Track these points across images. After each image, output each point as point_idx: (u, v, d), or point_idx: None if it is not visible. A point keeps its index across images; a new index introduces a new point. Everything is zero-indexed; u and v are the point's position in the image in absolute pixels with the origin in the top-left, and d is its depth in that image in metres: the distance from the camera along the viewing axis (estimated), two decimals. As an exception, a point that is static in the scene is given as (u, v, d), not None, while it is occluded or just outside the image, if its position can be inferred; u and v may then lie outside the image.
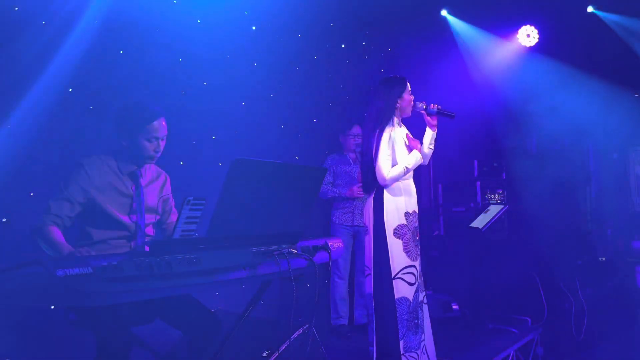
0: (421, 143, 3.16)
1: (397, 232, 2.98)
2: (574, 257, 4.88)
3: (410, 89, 3.13)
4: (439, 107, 3.09)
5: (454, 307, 4.38)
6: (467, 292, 4.54)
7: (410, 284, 2.96)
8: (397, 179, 3.01)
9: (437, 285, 4.66)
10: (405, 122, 3.24)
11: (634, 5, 5.27)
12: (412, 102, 3.11)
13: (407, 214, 3.03)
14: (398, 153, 3.04)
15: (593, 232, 6.15)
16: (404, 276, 2.96)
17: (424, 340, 3.04)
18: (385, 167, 2.98)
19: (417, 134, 3.22)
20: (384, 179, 2.98)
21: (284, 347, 2.51)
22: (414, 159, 3.04)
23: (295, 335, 2.64)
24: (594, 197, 6.62)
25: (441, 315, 4.30)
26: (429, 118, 3.13)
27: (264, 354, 2.55)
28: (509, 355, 3.73)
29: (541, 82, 5.91)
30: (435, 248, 4.96)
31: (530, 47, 5.87)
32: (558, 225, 5.17)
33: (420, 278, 3.05)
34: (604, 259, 4.98)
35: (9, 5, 2.85)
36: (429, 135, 3.16)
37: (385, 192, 3.03)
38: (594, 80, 6.13)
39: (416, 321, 2.98)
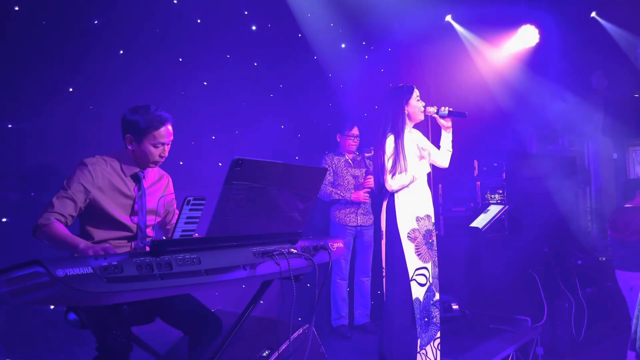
0: (439, 147, 3.30)
1: (410, 236, 3.07)
2: (574, 257, 4.88)
3: (419, 95, 3.21)
4: (450, 109, 3.17)
5: (454, 307, 4.38)
6: (467, 292, 4.54)
7: (421, 285, 3.06)
8: (404, 185, 3.07)
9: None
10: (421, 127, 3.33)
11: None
12: (423, 108, 3.19)
13: (418, 218, 3.10)
14: (408, 160, 3.09)
15: (593, 232, 6.15)
16: (416, 277, 3.06)
17: (439, 337, 3.13)
18: (391, 174, 3.07)
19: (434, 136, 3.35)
20: (390, 186, 3.08)
21: (284, 347, 2.51)
22: (422, 169, 3.13)
23: (295, 335, 2.63)
24: (594, 197, 6.62)
25: (441, 315, 4.29)
26: (442, 121, 3.22)
27: (264, 354, 2.55)
28: (509, 355, 3.74)
29: (541, 82, 5.91)
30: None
31: (531, 47, 5.87)
32: (558, 225, 5.16)
33: (434, 279, 3.13)
34: (604, 259, 4.99)
35: (9, 5, 2.85)
36: (444, 137, 3.27)
37: (396, 196, 3.11)
38: (594, 80, 6.13)
39: (426, 319, 3.07)
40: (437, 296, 3.15)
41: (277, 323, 2.72)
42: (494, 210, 4.16)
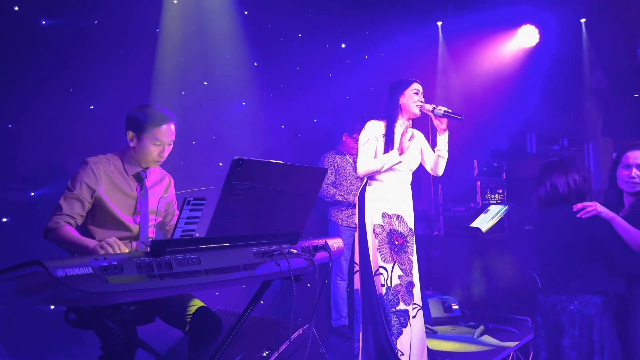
0: (434, 152, 3.17)
1: (375, 231, 3.00)
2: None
3: (417, 89, 3.10)
4: (447, 109, 3.03)
5: (454, 307, 4.38)
6: (467, 292, 4.53)
7: (382, 285, 2.95)
8: (370, 171, 3.02)
9: (437, 285, 4.66)
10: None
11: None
12: (420, 102, 3.08)
13: (384, 215, 3.02)
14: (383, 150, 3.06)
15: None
16: (379, 274, 2.97)
17: (401, 353, 2.97)
18: (360, 158, 3.04)
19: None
20: (358, 169, 3.06)
21: (284, 347, 2.51)
22: (390, 159, 2.99)
23: (295, 335, 2.64)
24: (594, 197, 6.61)
25: (441, 315, 4.30)
26: (437, 121, 3.07)
27: (264, 354, 2.55)
28: (509, 355, 3.73)
29: (541, 82, 5.91)
30: (435, 248, 4.96)
31: (531, 47, 5.87)
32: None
33: (400, 286, 2.98)
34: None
35: (9, 5, 2.85)
36: (439, 141, 3.11)
37: (367, 189, 3.06)
38: (594, 80, 6.12)
39: (388, 320, 2.95)
40: (402, 306, 2.96)
41: (277, 323, 2.72)
42: (494, 210, 4.16)
